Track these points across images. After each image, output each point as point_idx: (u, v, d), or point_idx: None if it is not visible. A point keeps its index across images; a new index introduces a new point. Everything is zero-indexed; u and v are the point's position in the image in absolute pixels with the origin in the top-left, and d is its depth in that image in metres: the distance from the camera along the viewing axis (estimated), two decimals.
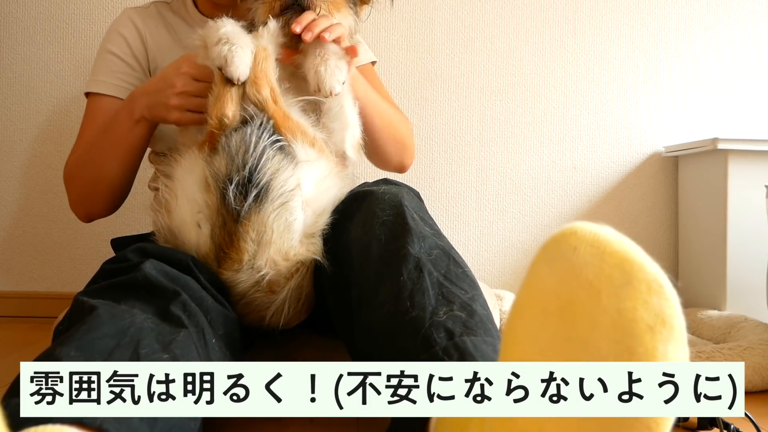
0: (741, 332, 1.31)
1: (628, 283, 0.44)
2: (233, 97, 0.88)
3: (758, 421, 0.83)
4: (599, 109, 1.80)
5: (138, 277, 0.75)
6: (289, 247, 0.86)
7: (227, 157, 0.84)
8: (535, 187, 1.79)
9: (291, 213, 0.85)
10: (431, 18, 1.78)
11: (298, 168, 0.86)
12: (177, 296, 0.74)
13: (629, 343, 0.44)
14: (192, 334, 0.70)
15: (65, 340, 0.63)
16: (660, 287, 0.44)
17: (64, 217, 1.74)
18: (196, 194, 0.86)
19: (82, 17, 1.74)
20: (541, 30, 1.80)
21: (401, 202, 0.83)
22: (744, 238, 1.53)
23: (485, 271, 1.78)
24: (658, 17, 1.81)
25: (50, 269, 1.74)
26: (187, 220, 0.87)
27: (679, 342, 0.44)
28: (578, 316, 0.45)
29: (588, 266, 0.45)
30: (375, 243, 0.79)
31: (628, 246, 0.45)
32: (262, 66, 0.89)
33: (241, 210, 0.82)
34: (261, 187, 0.82)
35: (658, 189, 1.80)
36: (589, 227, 0.46)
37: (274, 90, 0.90)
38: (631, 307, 0.44)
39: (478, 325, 0.68)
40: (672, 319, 0.44)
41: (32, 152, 1.74)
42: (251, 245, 0.83)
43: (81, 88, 1.74)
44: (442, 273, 0.74)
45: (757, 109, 1.82)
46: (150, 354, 0.63)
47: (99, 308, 0.67)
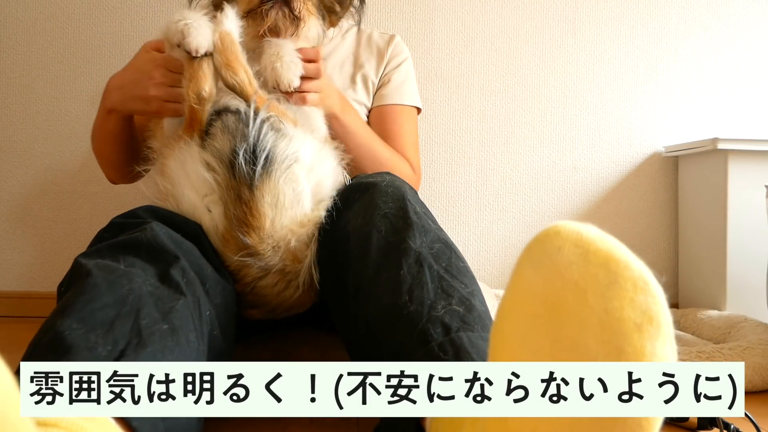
0: (741, 332, 1.31)
1: (613, 282, 0.44)
2: (206, 74, 0.90)
3: (758, 421, 0.83)
4: (599, 109, 1.80)
5: (142, 237, 0.75)
6: (302, 214, 0.88)
7: (228, 135, 0.85)
8: (535, 187, 1.79)
9: (298, 182, 0.86)
10: (431, 18, 1.78)
11: (293, 140, 0.88)
12: (177, 261, 0.74)
13: (618, 342, 0.44)
14: (189, 304, 0.70)
15: (65, 310, 0.62)
16: (646, 285, 0.44)
17: (64, 217, 1.74)
18: (199, 179, 0.86)
19: (82, 17, 1.74)
20: (541, 30, 1.80)
21: (404, 196, 0.83)
22: (744, 238, 1.52)
23: (485, 271, 1.78)
24: (658, 17, 1.81)
25: (50, 269, 1.74)
26: (197, 206, 0.87)
27: (667, 339, 0.44)
28: (566, 317, 0.45)
29: (573, 266, 0.44)
30: (375, 234, 0.79)
31: (612, 244, 0.45)
32: (232, 49, 0.90)
33: (254, 175, 0.83)
34: (267, 152, 0.84)
35: (658, 189, 1.80)
36: (572, 226, 0.46)
37: (248, 72, 0.91)
38: (618, 306, 0.44)
39: (476, 320, 0.68)
40: (659, 316, 0.44)
41: (32, 152, 1.74)
42: (269, 210, 0.84)
43: (81, 88, 1.74)
44: (443, 266, 0.74)
45: (757, 109, 1.82)
46: (151, 325, 0.63)
47: (95, 275, 0.67)
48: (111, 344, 0.60)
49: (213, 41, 0.89)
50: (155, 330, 0.63)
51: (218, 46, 0.90)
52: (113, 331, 0.61)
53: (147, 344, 0.61)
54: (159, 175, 0.92)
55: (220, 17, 0.92)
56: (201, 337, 0.70)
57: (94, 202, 1.73)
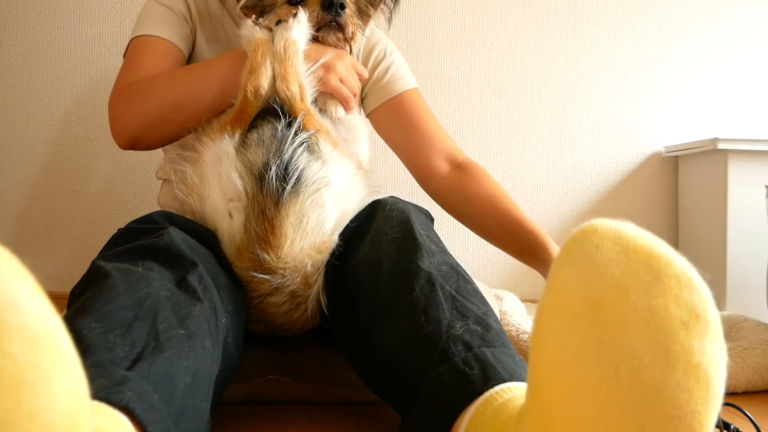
0: (741, 332, 1.31)
1: (656, 279, 0.42)
2: (267, 72, 0.89)
3: (758, 421, 0.83)
4: (599, 109, 1.80)
5: (159, 243, 0.75)
6: (322, 241, 0.86)
7: (263, 147, 0.84)
8: (535, 187, 1.79)
9: (324, 208, 0.85)
10: (431, 18, 1.78)
11: (327, 164, 0.87)
12: (195, 267, 0.74)
13: (664, 341, 0.42)
14: (206, 311, 0.70)
15: (84, 310, 0.62)
16: (690, 281, 0.43)
17: (64, 217, 1.74)
18: (229, 182, 0.85)
19: (82, 17, 1.74)
20: (541, 30, 1.80)
21: (409, 219, 0.83)
22: (744, 238, 1.53)
23: (485, 271, 1.78)
24: (658, 17, 1.81)
25: (50, 269, 1.74)
26: (219, 208, 0.86)
27: (716, 337, 0.43)
28: (608, 316, 0.43)
29: (613, 264, 0.43)
30: (385, 260, 0.78)
31: (652, 241, 0.44)
32: (292, 61, 0.90)
33: (283, 192, 0.82)
34: (299, 172, 0.83)
35: (658, 189, 1.80)
36: (609, 224, 0.45)
37: (302, 86, 0.90)
38: (663, 303, 0.42)
39: (495, 338, 0.68)
40: (705, 313, 0.42)
41: (32, 152, 1.74)
42: (291, 230, 0.83)
43: (81, 88, 1.74)
44: (453, 287, 0.74)
45: (757, 109, 1.82)
46: (168, 329, 0.63)
47: (114, 277, 0.67)
48: (129, 345, 0.59)
49: (277, 47, 0.90)
50: (172, 335, 0.63)
51: (279, 55, 0.90)
52: (131, 332, 0.61)
53: (164, 348, 0.61)
54: (191, 164, 0.91)
55: (291, 23, 0.92)
56: (216, 344, 0.70)
57: (94, 202, 1.73)
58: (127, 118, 1.02)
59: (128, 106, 1.02)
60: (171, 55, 1.08)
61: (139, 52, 1.07)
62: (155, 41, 1.08)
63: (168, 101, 0.99)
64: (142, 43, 1.08)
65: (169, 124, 1.00)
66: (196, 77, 1.00)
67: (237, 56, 0.98)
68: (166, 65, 1.06)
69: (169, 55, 1.08)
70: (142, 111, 1.01)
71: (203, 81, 0.99)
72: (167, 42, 1.08)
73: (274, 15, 1.00)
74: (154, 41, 1.08)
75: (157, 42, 1.08)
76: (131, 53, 1.09)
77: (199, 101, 0.98)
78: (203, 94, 0.98)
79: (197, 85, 0.99)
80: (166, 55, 1.07)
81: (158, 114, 1.00)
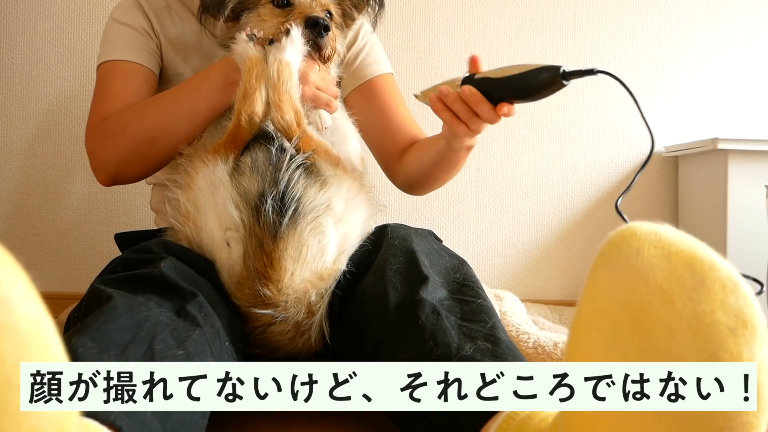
0: None
1: (701, 284, 0.41)
2: (262, 96, 0.87)
3: None
4: (599, 109, 1.80)
5: (155, 274, 0.75)
6: (324, 268, 0.84)
7: (258, 174, 0.82)
8: (535, 187, 1.79)
9: (324, 234, 0.83)
10: (431, 18, 1.78)
11: (326, 186, 0.85)
12: (194, 297, 0.74)
13: (712, 349, 0.41)
14: (206, 334, 0.70)
15: (82, 329, 0.63)
16: (735, 285, 0.41)
17: (64, 217, 1.74)
18: (226, 212, 0.83)
19: (82, 17, 1.74)
20: (541, 30, 1.80)
21: (412, 248, 0.83)
22: (744, 238, 1.52)
23: (485, 271, 1.78)
24: (658, 17, 1.81)
25: (50, 269, 1.74)
26: (217, 239, 0.84)
27: (764, 343, 0.41)
28: (652, 324, 0.41)
29: (655, 269, 0.41)
30: (392, 291, 0.79)
31: (694, 244, 0.42)
32: (287, 87, 0.87)
33: (281, 226, 0.80)
34: (297, 202, 0.81)
35: (658, 189, 1.80)
36: (649, 227, 0.43)
37: (298, 112, 0.88)
38: (708, 310, 0.40)
39: (506, 351, 0.68)
40: (753, 318, 0.41)
41: (32, 152, 1.74)
42: (291, 263, 0.81)
43: (81, 88, 1.74)
44: (458, 316, 0.74)
45: (757, 109, 1.82)
46: (164, 350, 0.63)
47: (116, 299, 0.67)
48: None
49: (270, 72, 0.87)
50: (169, 354, 0.63)
51: (273, 80, 0.86)
52: (126, 353, 0.61)
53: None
54: (184, 190, 0.88)
55: (284, 42, 0.88)
56: (219, 361, 0.70)
57: (94, 202, 1.73)
58: (103, 156, 1.03)
59: (101, 145, 1.03)
60: (140, 78, 1.08)
61: (107, 81, 1.09)
62: (122, 66, 1.08)
63: (139, 137, 1.00)
64: (109, 70, 1.09)
65: (144, 159, 1.02)
66: (165, 111, 1.00)
67: (206, 80, 0.98)
68: (136, 89, 1.06)
69: (137, 78, 1.08)
70: (115, 149, 1.02)
71: (172, 114, 0.99)
72: (134, 65, 1.09)
73: (256, 14, 0.98)
74: (121, 66, 1.09)
75: (125, 66, 1.09)
76: (100, 82, 1.10)
77: (171, 135, 0.99)
78: (173, 128, 0.99)
79: (166, 119, 1.00)
80: (135, 78, 1.08)
81: (131, 150, 1.01)
